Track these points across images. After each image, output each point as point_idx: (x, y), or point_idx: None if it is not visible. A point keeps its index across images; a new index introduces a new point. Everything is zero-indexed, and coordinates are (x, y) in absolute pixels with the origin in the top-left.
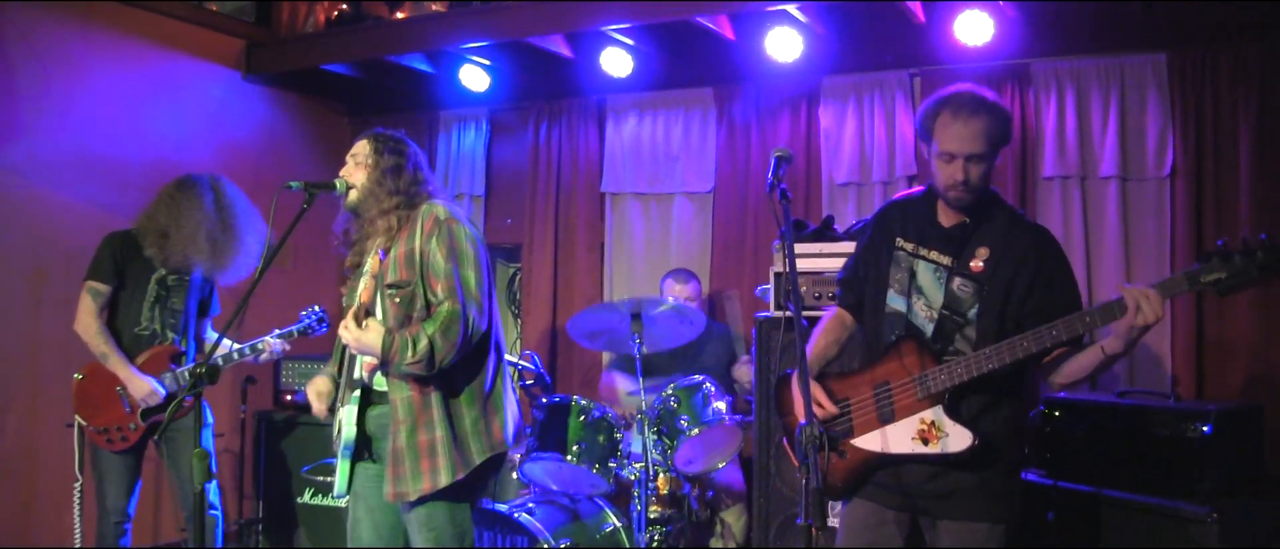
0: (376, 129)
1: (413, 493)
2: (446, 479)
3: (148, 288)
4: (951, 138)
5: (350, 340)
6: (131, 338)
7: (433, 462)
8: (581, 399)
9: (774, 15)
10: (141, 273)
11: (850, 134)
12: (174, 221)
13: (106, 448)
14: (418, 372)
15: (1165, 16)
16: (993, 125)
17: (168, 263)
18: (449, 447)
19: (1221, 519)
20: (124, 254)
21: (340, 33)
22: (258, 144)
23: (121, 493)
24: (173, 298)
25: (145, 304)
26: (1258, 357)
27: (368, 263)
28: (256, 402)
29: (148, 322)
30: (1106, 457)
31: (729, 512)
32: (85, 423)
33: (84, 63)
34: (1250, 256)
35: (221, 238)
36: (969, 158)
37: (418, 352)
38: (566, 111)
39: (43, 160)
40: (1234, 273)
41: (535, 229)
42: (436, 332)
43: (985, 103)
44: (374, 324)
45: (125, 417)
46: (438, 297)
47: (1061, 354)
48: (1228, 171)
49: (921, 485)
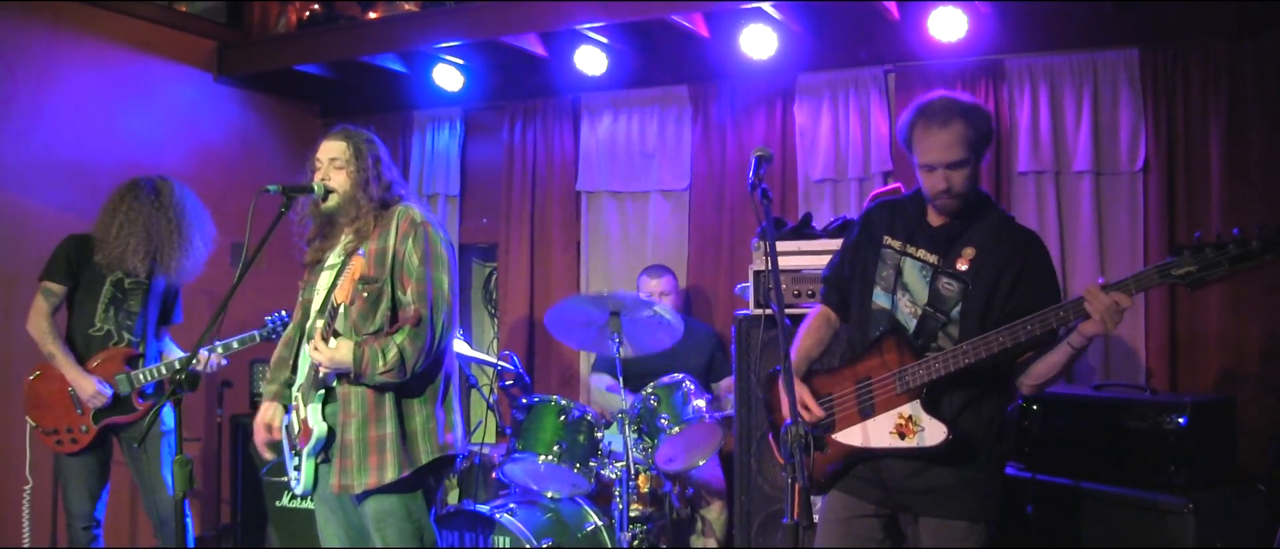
0: (346, 126)
1: (357, 486)
2: (392, 475)
3: (102, 289)
4: (929, 149)
5: (324, 360)
6: (85, 338)
7: (380, 457)
8: (561, 399)
9: (749, 13)
10: (96, 274)
11: (826, 131)
12: (104, 227)
13: (56, 449)
14: (391, 379)
15: (1136, 15)
16: (968, 130)
17: (109, 266)
18: (397, 444)
19: (1197, 511)
20: (79, 255)
21: (312, 33)
22: (230, 146)
23: (84, 497)
24: (129, 300)
25: (99, 305)
26: (1229, 349)
27: (348, 263)
28: (232, 406)
29: (102, 322)
30: (1084, 450)
31: (710, 509)
32: (35, 424)
33: (53, 65)
34: (1221, 250)
35: (163, 240)
36: (949, 166)
37: (388, 361)
38: (541, 110)
39: (11, 164)
40: (1204, 266)
41: (511, 228)
42: (405, 339)
43: (959, 108)
44: (343, 341)
45: (76, 418)
46: (406, 297)
47: (1028, 358)
48: (1199, 166)
49: (903, 482)
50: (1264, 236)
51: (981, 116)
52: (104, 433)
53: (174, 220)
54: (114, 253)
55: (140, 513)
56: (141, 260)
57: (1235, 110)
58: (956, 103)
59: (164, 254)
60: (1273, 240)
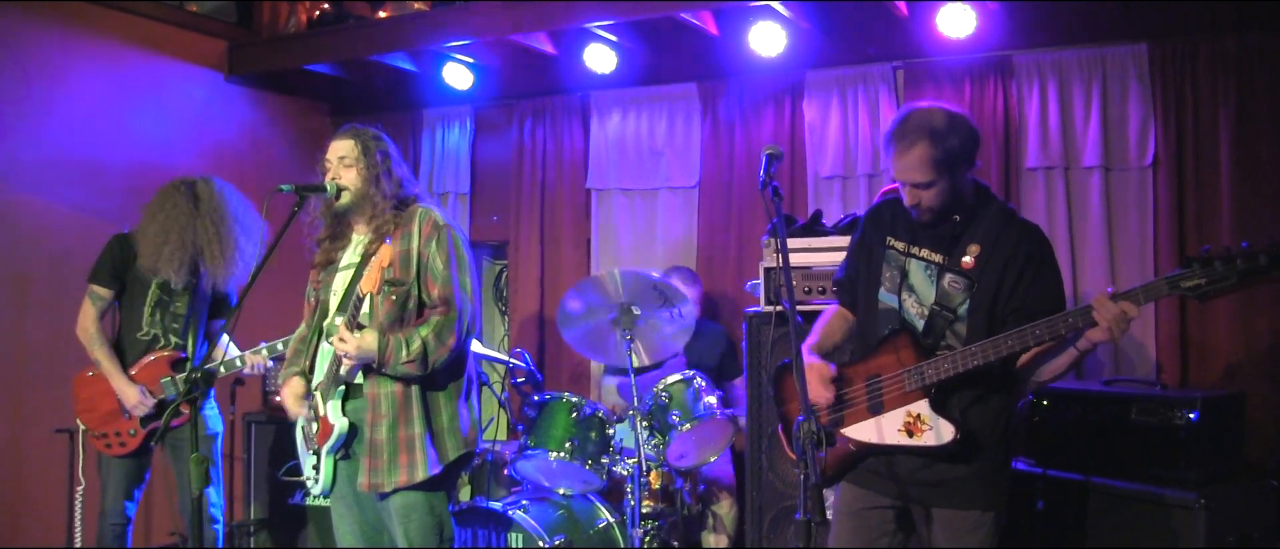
0: (353, 124)
1: (388, 485)
2: (423, 474)
3: (148, 292)
4: (896, 166)
5: (350, 350)
6: (132, 342)
7: (411, 456)
8: (573, 396)
9: (757, 10)
10: (141, 276)
11: (834, 127)
12: (149, 230)
13: (106, 453)
14: (412, 371)
15: (1144, 11)
16: (935, 151)
17: (146, 272)
18: (425, 443)
19: (1208, 506)
20: (123, 258)
21: (322, 32)
22: (241, 145)
23: (120, 495)
24: (175, 302)
25: (146, 308)
26: (1239, 344)
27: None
28: (244, 404)
29: (148, 326)
30: (1095, 445)
31: (720, 505)
32: (85, 427)
33: (64, 65)
34: (1230, 263)
35: (204, 245)
36: (913, 185)
37: (411, 352)
38: (551, 108)
39: (24, 164)
40: (1214, 279)
41: (521, 226)
42: (430, 333)
43: (928, 129)
44: (368, 331)
45: (124, 423)
46: (432, 299)
47: (1039, 354)
48: (1208, 161)
49: (913, 474)
50: (1272, 252)
51: (956, 135)
52: (145, 438)
53: (215, 224)
54: (151, 261)
55: (155, 510)
56: (177, 269)
57: (1244, 105)
58: (927, 120)
59: (209, 259)
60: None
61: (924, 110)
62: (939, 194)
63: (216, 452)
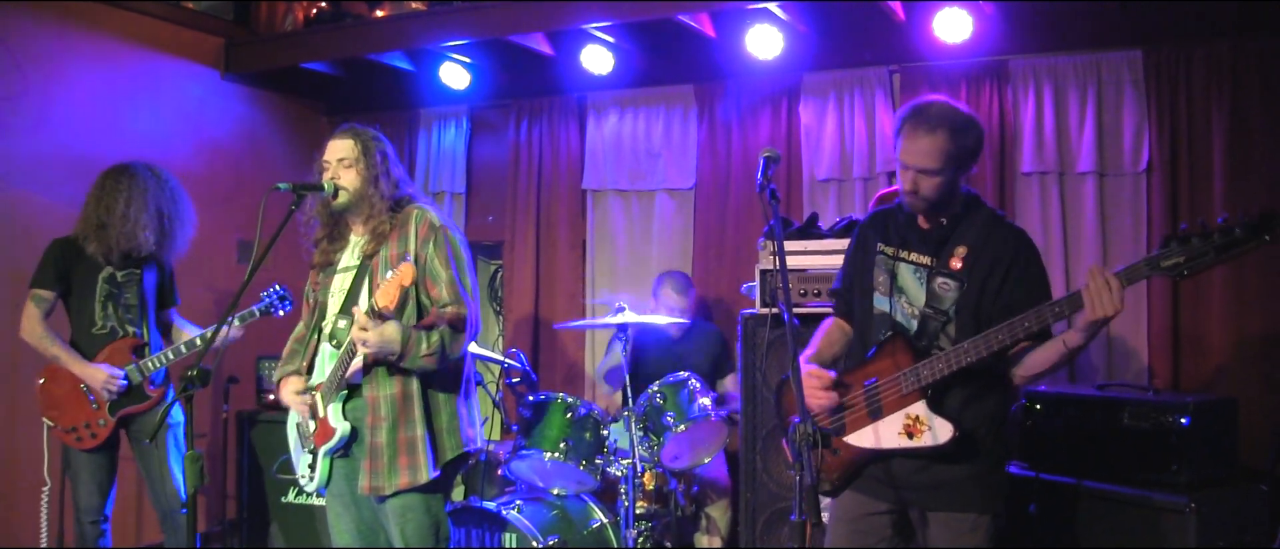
0: (352, 124)
1: (388, 488)
2: (425, 476)
3: (96, 287)
4: (907, 149)
5: (371, 339)
6: (88, 339)
7: (412, 459)
8: (567, 396)
9: (755, 13)
10: (87, 274)
11: (831, 131)
12: (107, 210)
13: (76, 447)
14: (429, 365)
15: (1141, 15)
16: (951, 143)
17: (112, 253)
18: (426, 444)
19: (1200, 510)
20: (65, 259)
21: (319, 31)
22: (237, 143)
23: (94, 492)
24: (125, 293)
25: (96, 303)
26: (1231, 349)
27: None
28: (238, 401)
29: (102, 320)
30: (1087, 449)
31: (714, 506)
32: (52, 424)
33: (61, 62)
34: (1207, 239)
35: (170, 216)
36: (919, 171)
37: (431, 344)
38: (547, 109)
39: (20, 161)
40: (1192, 256)
41: (517, 226)
42: (447, 328)
43: (950, 119)
44: (390, 324)
45: (93, 413)
46: (433, 299)
47: (1022, 349)
48: (1202, 166)
49: (910, 478)
50: (1246, 223)
51: (971, 134)
52: (116, 427)
53: (174, 199)
54: (121, 232)
55: (145, 509)
56: (155, 234)
57: (1238, 110)
58: (950, 114)
59: (173, 230)
60: (1255, 227)
61: (945, 103)
62: (939, 186)
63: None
